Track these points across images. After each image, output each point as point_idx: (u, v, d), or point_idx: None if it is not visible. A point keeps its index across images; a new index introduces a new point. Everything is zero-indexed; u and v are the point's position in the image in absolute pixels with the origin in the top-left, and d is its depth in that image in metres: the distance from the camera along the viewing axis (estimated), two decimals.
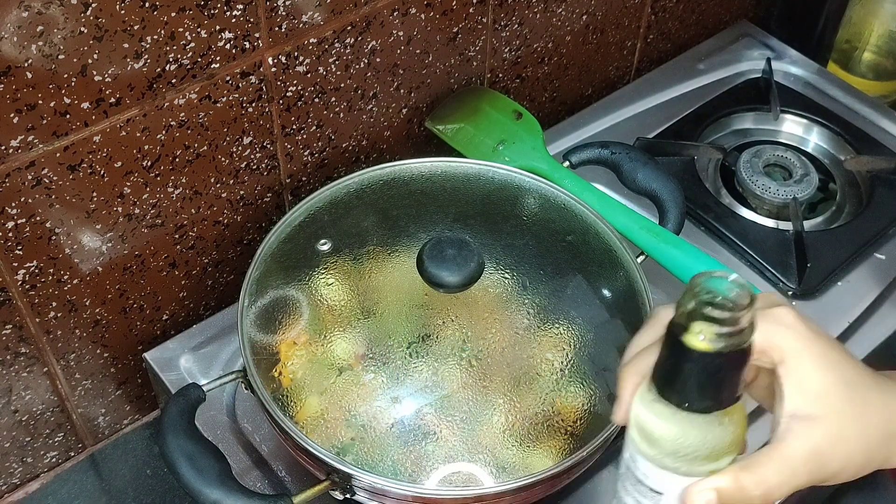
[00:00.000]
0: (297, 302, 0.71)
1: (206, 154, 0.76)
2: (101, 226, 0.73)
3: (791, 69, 1.10)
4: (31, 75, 0.62)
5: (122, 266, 0.77)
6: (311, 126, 0.82)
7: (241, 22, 0.71)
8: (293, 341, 0.70)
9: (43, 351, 0.76)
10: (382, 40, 0.82)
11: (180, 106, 0.72)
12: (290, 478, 0.74)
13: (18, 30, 0.60)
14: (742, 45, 1.13)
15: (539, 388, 0.69)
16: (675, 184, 0.83)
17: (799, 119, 1.04)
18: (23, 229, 0.69)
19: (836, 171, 1.00)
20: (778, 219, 0.95)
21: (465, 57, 0.91)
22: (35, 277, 0.72)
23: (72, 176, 0.69)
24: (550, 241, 0.76)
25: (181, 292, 0.83)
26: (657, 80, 1.08)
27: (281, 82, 0.77)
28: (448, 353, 0.69)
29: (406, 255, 0.73)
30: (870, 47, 1.17)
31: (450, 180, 0.79)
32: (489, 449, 0.67)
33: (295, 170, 0.84)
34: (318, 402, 0.68)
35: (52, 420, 0.81)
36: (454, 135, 0.89)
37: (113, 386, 0.84)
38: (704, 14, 1.14)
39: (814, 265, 0.89)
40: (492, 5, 0.89)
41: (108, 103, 0.67)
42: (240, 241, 0.85)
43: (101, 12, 0.63)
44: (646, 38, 1.10)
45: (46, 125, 0.65)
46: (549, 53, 1.00)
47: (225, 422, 0.77)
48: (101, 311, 0.78)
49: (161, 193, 0.75)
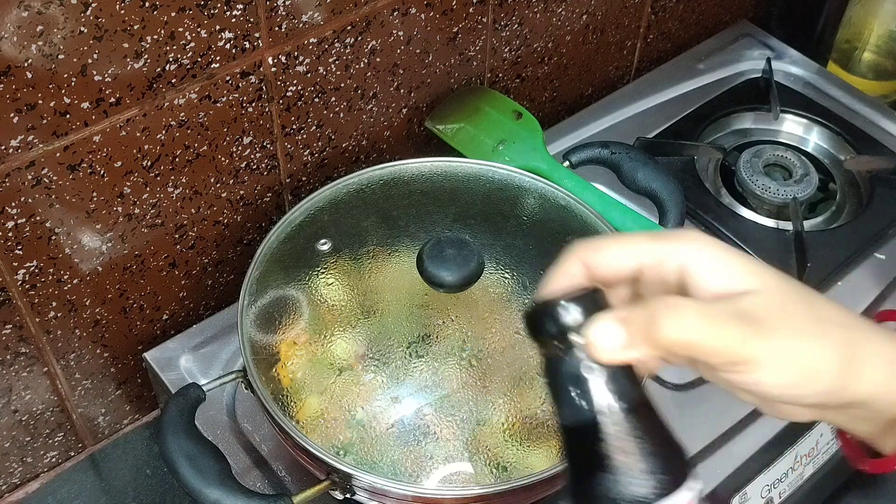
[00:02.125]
0: (296, 302, 0.71)
1: (205, 154, 0.76)
2: (101, 226, 0.73)
3: (791, 69, 1.10)
4: (31, 75, 0.62)
5: (122, 266, 0.77)
6: (311, 126, 0.82)
7: (241, 22, 0.71)
8: (293, 341, 0.70)
9: (43, 351, 0.76)
10: (382, 40, 0.82)
11: (180, 106, 0.72)
12: (289, 478, 0.74)
13: (18, 29, 0.60)
14: (742, 44, 1.13)
15: (539, 388, 0.69)
16: (676, 184, 0.83)
17: (799, 119, 1.04)
18: (23, 229, 0.69)
19: (836, 170, 1.00)
20: (778, 219, 0.95)
21: (465, 57, 0.91)
22: (35, 277, 0.72)
23: (72, 176, 0.69)
24: (550, 241, 0.76)
25: (181, 292, 0.83)
26: (657, 80, 1.08)
27: (281, 82, 0.77)
28: (448, 353, 0.69)
29: (406, 255, 0.73)
30: (870, 47, 1.17)
31: (450, 180, 0.78)
32: (489, 449, 0.67)
33: (295, 169, 0.84)
34: (318, 401, 0.68)
35: (51, 420, 0.81)
36: (454, 135, 0.89)
37: (113, 386, 0.84)
38: (704, 14, 1.14)
39: (814, 265, 0.89)
40: (492, 5, 0.89)
41: (108, 103, 0.67)
42: (240, 241, 0.85)
43: (101, 12, 0.63)
44: (646, 37, 1.10)
45: (46, 125, 0.65)
46: (549, 53, 0.99)
47: (225, 422, 0.77)
48: (101, 311, 0.78)
49: (161, 193, 0.75)
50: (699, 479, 0.42)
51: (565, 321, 0.41)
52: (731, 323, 0.41)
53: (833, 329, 0.43)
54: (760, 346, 0.41)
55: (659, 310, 0.41)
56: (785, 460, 0.82)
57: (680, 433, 0.79)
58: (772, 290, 0.42)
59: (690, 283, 0.43)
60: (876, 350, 0.43)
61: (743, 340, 0.40)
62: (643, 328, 0.41)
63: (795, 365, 0.41)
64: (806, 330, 0.42)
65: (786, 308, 0.42)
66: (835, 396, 0.42)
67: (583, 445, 0.42)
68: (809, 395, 0.42)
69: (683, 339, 0.40)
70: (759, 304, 0.42)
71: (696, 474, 0.42)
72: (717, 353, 0.41)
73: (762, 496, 0.81)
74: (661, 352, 0.41)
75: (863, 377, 0.42)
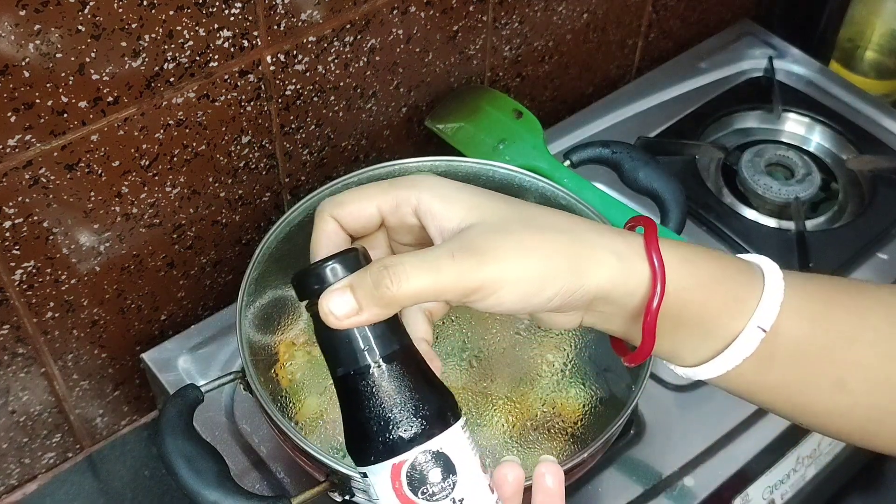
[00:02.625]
0: (295, 302, 0.71)
1: (204, 153, 0.76)
2: (99, 225, 0.73)
3: (793, 68, 1.10)
4: (29, 74, 0.62)
5: (120, 266, 0.77)
6: (309, 125, 0.82)
7: (239, 20, 0.71)
8: (292, 342, 0.69)
9: (40, 351, 0.76)
10: (382, 39, 0.82)
11: (178, 105, 0.71)
12: (288, 479, 0.74)
13: (16, 28, 0.60)
14: (744, 43, 1.13)
15: (539, 389, 0.68)
16: (677, 183, 0.83)
17: (801, 118, 1.04)
18: (20, 229, 0.68)
19: (839, 170, 1.00)
20: (780, 218, 0.94)
21: (466, 55, 0.91)
22: (33, 277, 0.71)
23: (69, 175, 0.68)
24: None
25: (179, 292, 0.83)
26: (658, 79, 1.08)
27: (280, 81, 0.77)
28: (448, 353, 0.69)
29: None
30: (872, 46, 1.17)
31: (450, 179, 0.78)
32: (489, 450, 0.66)
33: (294, 169, 0.84)
34: (317, 402, 0.67)
35: (49, 421, 0.81)
36: (454, 134, 0.89)
37: (111, 387, 0.84)
38: (706, 12, 1.14)
39: (816, 265, 0.88)
40: (492, 3, 0.88)
41: (105, 102, 0.67)
42: (238, 241, 0.85)
43: (98, 11, 0.62)
44: (647, 36, 1.09)
45: (44, 124, 0.65)
46: (550, 52, 0.99)
47: (223, 423, 0.77)
48: (99, 312, 0.78)
49: (159, 193, 0.75)
50: (462, 417, 0.45)
51: (324, 282, 0.44)
52: (454, 261, 0.44)
53: (557, 236, 0.46)
54: (487, 271, 0.44)
55: (380, 273, 0.43)
56: (787, 462, 0.81)
57: (681, 434, 0.79)
58: (491, 219, 0.46)
59: (427, 223, 0.47)
60: (601, 244, 0.47)
61: (470, 271, 0.44)
62: (369, 292, 0.43)
63: (525, 277, 0.45)
64: (528, 245, 0.45)
65: (506, 231, 0.45)
66: (574, 296, 0.46)
67: (353, 395, 0.44)
68: (549, 300, 0.46)
69: (410, 292, 0.43)
70: (480, 234, 0.45)
71: (459, 413, 0.45)
72: (446, 291, 0.44)
73: (764, 498, 0.80)
74: (395, 308, 0.44)
75: (594, 272, 0.46)
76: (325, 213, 0.48)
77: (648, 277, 0.47)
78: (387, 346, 0.44)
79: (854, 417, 0.53)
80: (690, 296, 0.49)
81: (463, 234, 0.46)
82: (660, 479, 0.76)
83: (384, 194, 0.48)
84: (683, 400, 0.80)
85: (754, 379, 0.51)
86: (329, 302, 0.43)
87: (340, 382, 0.45)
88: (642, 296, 0.47)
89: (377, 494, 0.45)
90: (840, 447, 0.87)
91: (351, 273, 0.44)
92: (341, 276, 0.44)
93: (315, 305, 0.44)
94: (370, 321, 0.44)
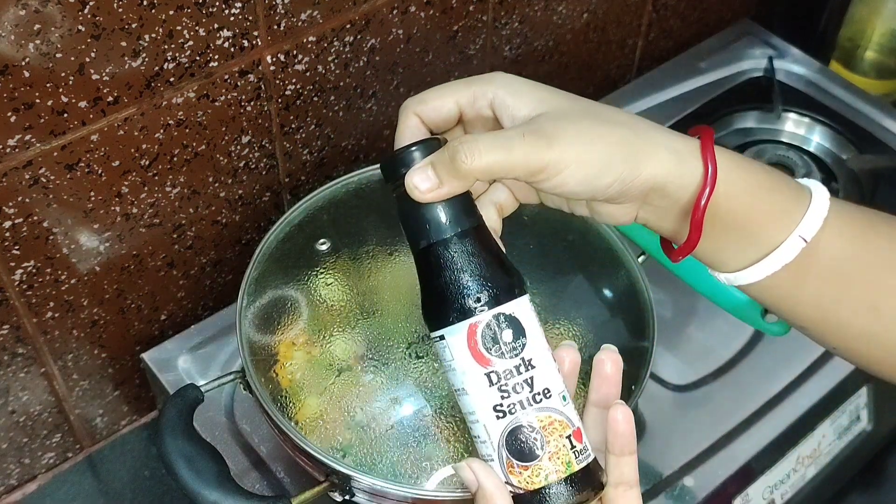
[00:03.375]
0: (295, 302, 0.71)
1: (204, 153, 0.76)
2: (99, 225, 0.73)
3: (793, 68, 1.10)
4: (29, 74, 0.62)
5: (120, 266, 0.77)
6: (310, 125, 0.82)
7: (239, 20, 0.71)
8: (292, 342, 0.69)
9: (40, 351, 0.76)
10: (382, 38, 0.82)
11: (178, 105, 0.71)
12: (288, 479, 0.74)
13: (16, 28, 0.59)
14: (744, 43, 1.13)
15: None
16: None
17: (801, 118, 1.04)
18: (20, 229, 0.68)
19: (839, 169, 1.00)
20: None
21: (466, 55, 0.91)
22: (32, 277, 0.71)
23: (69, 175, 0.68)
24: (550, 241, 0.76)
25: (179, 292, 0.83)
26: (658, 79, 1.08)
27: (280, 81, 0.77)
28: None
29: (406, 254, 0.72)
30: (872, 46, 1.17)
31: None
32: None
33: (294, 169, 0.84)
34: (317, 402, 0.67)
35: (49, 421, 0.81)
36: None
37: (111, 387, 0.84)
38: (706, 12, 1.14)
39: None
40: (492, 3, 0.88)
41: (105, 102, 0.67)
42: (238, 241, 0.85)
43: (98, 10, 0.62)
44: (647, 36, 1.09)
45: (44, 124, 0.65)
46: (550, 52, 0.99)
47: (223, 423, 0.77)
48: (99, 312, 0.78)
49: (159, 193, 0.75)
50: (528, 292, 0.51)
51: (409, 164, 0.49)
52: (524, 140, 0.48)
53: (619, 129, 0.50)
54: (553, 153, 0.48)
55: (456, 148, 0.48)
56: (787, 462, 0.81)
57: (681, 434, 0.79)
58: (559, 109, 0.50)
59: (501, 115, 0.51)
60: (659, 141, 0.50)
61: (538, 151, 0.48)
62: (447, 167, 0.48)
63: (588, 161, 0.48)
64: (592, 133, 0.49)
65: (572, 120, 0.49)
66: (632, 185, 0.49)
67: (434, 265, 0.49)
68: (609, 185, 0.49)
69: (483, 166, 0.47)
70: (549, 120, 0.49)
71: (525, 289, 0.51)
72: (515, 167, 0.48)
73: (764, 497, 0.80)
74: (471, 181, 0.48)
75: (650, 163, 0.49)
76: (408, 109, 0.52)
77: (701, 175, 0.50)
78: (464, 222, 0.49)
79: (883, 343, 0.54)
80: (739, 200, 0.51)
81: (533, 120, 0.49)
82: (660, 479, 0.76)
83: (463, 90, 0.52)
84: (684, 400, 0.80)
85: (789, 291, 0.53)
86: (414, 177, 0.48)
87: (423, 254, 0.50)
88: (693, 192, 0.50)
89: (452, 354, 0.49)
90: (840, 447, 0.87)
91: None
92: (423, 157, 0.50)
93: (401, 186, 0.49)
94: (450, 194, 0.49)
